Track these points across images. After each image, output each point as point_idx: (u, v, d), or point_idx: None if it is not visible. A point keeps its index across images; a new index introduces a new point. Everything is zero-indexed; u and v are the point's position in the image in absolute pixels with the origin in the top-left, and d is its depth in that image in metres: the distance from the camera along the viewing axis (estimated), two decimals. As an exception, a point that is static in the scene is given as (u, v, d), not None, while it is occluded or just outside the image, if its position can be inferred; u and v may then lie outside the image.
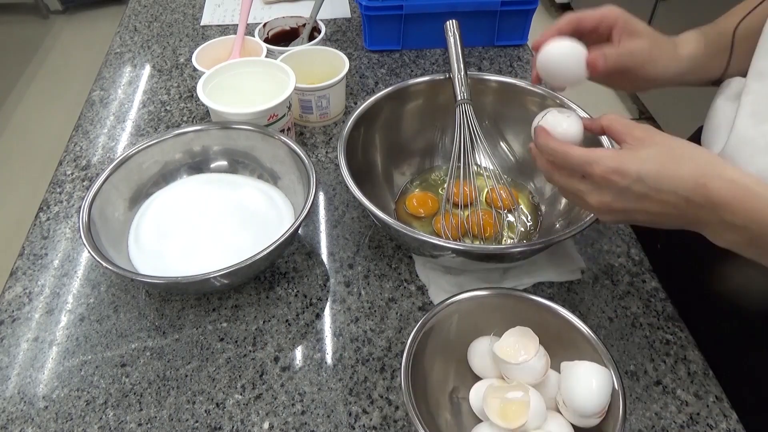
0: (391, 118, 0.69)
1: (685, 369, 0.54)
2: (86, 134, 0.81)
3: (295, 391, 0.52)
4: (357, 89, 0.89)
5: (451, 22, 0.65)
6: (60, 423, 0.50)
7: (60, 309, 0.59)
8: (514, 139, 0.72)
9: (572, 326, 0.48)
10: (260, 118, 0.67)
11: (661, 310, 0.58)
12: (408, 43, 0.97)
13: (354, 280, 0.61)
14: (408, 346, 0.46)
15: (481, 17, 0.94)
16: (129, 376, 0.54)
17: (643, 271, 0.62)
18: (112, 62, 0.96)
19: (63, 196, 0.72)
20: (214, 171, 0.68)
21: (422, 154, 0.73)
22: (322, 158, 0.77)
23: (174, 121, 0.83)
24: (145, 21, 1.07)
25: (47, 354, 0.55)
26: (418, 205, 0.67)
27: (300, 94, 0.77)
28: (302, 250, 0.65)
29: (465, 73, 0.64)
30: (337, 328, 0.57)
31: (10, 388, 0.53)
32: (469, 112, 0.62)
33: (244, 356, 0.55)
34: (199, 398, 0.52)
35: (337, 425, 0.50)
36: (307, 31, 0.90)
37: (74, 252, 0.65)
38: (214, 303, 0.59)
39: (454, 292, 0.58)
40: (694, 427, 0.50)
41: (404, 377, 0.44)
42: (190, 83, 0.90)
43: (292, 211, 0.64)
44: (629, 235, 0.66)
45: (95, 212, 0.57)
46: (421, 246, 0.57)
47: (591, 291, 0.60)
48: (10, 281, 0.62)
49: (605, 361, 0.45)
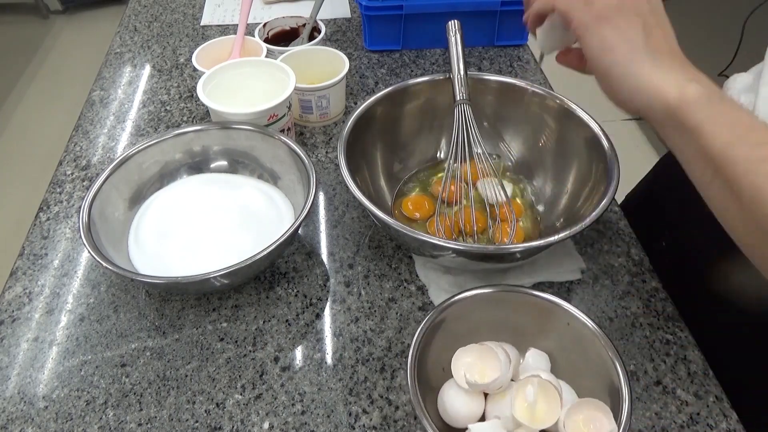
0: (391, 118, 0.69)
1: (685, 369, 0.54)
2: (86, 134, 0.81)
3: (295, 391, 0.52)
4: (357, 89, 0.89)
5: (453, 22, 0.65)
6: (60, 423, 0.50)
7: (60, 309, 0.59)
8: (514, 139, 0.72)
9: (579, 322, 0.47)
10: (260, 118, 0.67)
11: (661, 310, 0.58)
12: (408, 43, 0.97)
13: (354, 280, 0.61)
14: (414, 342, 0.46)
15: (481, 17, 0.94)
16: (129, 376, 0.54)
17: (643, 271, 0.62)
18: (112, 62, 0.96)
19: (63, 196, 0.72)
20: (214, 171, 0.68)
21: (422, 154, 0.73)
22: (322, 158, 0.77)
23: (174, 121, 0.83)
24: (145, 21, 1.07)
25: (47, 354, 0.55)
26: (414, 209, 0.67)
27: (300, 94, 0.77)
28: (302, 250, 0.65)
29: (465, 73, 0.64)
30: (337, 328, 0.57)
31: (10, 388, 0.53)
32: (467, 112, 0.62)
33: (244, 356, 0.55)
34: (199, 398, 0.52)
35: (337, 425, 0.50)
36: (307, 31, 0.90)
37: (74, 252, 0.65)
38: (214, 303, 0.59)
39: (454, 292, 0.59)
40: (694, 427, 0.50)
41: (410, 374, 0.44)
42: (190, 83, 0.90)
43: (292, 211, 0.64)
44: (629, 235, 0.66)
45: (95, 212, 0.57)
46: (421, 246, 0.57)
47: (591, 291, 0.60)
48: (10, 281, 0.62)
49: (611, 356, 0.45)
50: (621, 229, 0.67)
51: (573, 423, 0.42)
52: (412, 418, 0.50)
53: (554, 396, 0.43)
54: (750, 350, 0.56)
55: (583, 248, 0.64)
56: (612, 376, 0.44)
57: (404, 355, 0.55)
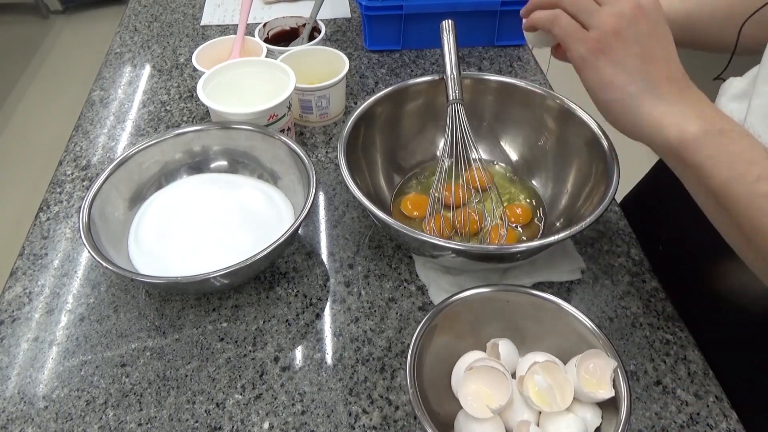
0: (391, 119, 0.69)
1: (685, 369, 0.54)
2: (86, 134, 0.81)
3: (295, 391, 0.52)
4: (357, 89, 0.89)
5: (447, 22, 0.65)
6: (60, 423, 0.50)
7: (60, 309, 0.59)
8: (514, 139, 0.72)
9: (578, 322, 0.47)
10: (260, 118, 0.67)
11: (661, 310, 0.58)
12: (408, 43, 0.97)
13: (354, 280, 0.61)
14: (413, 342, 0.46)
15: (481, 17, 0.94)
16: (129, 376, 0.54)
17: (643, 271, 0.62)
18: (112, 62, 0.96)
19: (63, 196, 0.72)
20: (214, 171, 0.68)
21: (422, 154, 0.73)
22: (322, 158, 0.77)
23: (174, 121, 0.83)
24: (145, 21, 1.07)
25: (47, 354, 0.55)
26: (413, 208, 0.67)
27: (300, 94, 0.77)
28: (302, 250, 0.65)
29: (459, 72, 0.64)
30: (337, 328, 0.57)
31: (10, 388, 0.53)
32: (460, 112, 0.62)
33: (244, 356, 0.55)
34: (199, 398, 0.52)
35: (337, 425, 0.50)
36: (307, 31, 0.90)
37: (74, 252, 0.65)
38: (214, 303, 0.59)
39: (454, 292, 0.58)
40: (694, 427, 0.50)
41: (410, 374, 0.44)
42: (190, 83, 0.90)
43: (292, 211, 0.64)
44: (629, 235, 0.66)
45: (95, 212, 0.57)
46: (421, 246, 0.57)
47: (591, 291, 0.60)
48: (10, 281, 0.62)
49: (610, 356, 0.45)
50: (621, 229, 0.67)
51: (584, 373, 0.45)
52: (412, 418, 0.50)
53: (557, 371, 0.45)
54: (750, 350, 0.56)
55: (583, 248, 0.64)
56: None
57: (404, 355, 0.55)
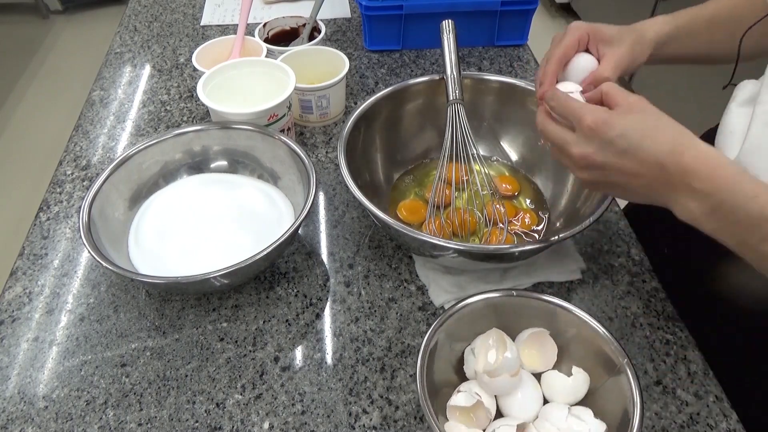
0: (391, 118, 0.69)
1: (685, 369, 0.54)
2: (86, 134, 0.81)
3: (295, 391, 0.52)
4: (357, 89, 0.89)
5: (447, 22, 0.65)
6: (60, 423, 0.50)
7: (60, 309, 0.59)
8: (514, 139, 0.72)
9: (588, 326, 0.48)
10: (260, 118, 0.67)
11: (661, 310, 0.58)
12: (408, 43, 0.97)
13: (354, 280, 0.61)
14: (424, 345, 0.46)
15: (481, 17, 0.94)
16: (129, 376, 0.54)
17: (643, 271, 0.62)
18: (112, 62, 0.96)
19: (63, 196, 0.72)
20: (214, 171, 0.68)
21: (422, 154, 0.73)
22: (322, 158, 0.77)
23: (174, 121, 0.83)
24: (145, 21, 1.07)
25: (47, 354, 0.55)
26: (408, 214, 0.67)
27: (300, 94, 0.77)
28: (302, 250, 0.65)
29: (459, 72, 0.64)
30: (337, 328, 0.57)
31: (10, 388, 0.53)
32: (460, 112, 0.62)
33: (244, 356, 0.55)
34: (199, 398, 0.52)
35: (337, 425, 0.50)
36: (307, 31, 0.90)
37: (74, 252, 0.65)
38: (214, 303, 0.59)
39: (454, 292, 0.59)
40: (694, 427, 0.50)
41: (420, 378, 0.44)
42: (190, 83, 0.90)
43: (292, 211, 0.64)
44: (629, 235, 0.66)
45: (95, 212, 0.57)
46: (421, 246, 0.57)
47: (591, 291, 0.60)
48: (10, 281, 0.62)
49: (620, 359, 0.45)
50: (621, 229, 0.67)
51: (526, 350, 0.49)
52: (412, 418, 0.51)
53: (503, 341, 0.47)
54: (750, 350, 0.56)
55: (583, 248, 0.64)
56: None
57: (404, 354, 0.55)
